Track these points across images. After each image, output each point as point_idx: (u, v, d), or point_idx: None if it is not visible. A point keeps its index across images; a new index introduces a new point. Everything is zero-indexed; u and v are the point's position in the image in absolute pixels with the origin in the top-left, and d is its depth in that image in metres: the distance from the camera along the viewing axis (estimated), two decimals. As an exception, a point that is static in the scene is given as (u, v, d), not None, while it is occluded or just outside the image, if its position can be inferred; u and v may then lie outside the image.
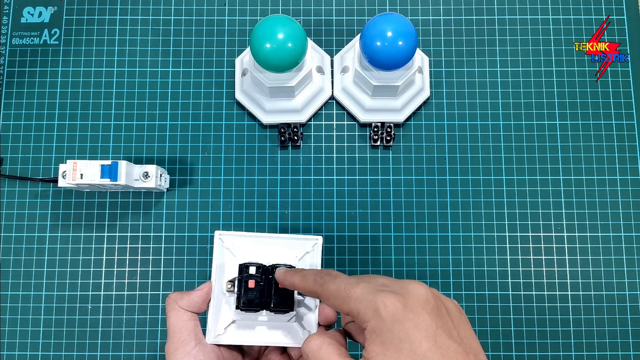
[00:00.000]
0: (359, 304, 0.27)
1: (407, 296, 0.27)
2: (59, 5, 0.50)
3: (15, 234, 0.47)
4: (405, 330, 0.25)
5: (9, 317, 0.45)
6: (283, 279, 0.33)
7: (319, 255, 0.37)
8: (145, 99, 0.49)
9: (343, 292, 0.28)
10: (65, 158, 0.48)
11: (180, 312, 0.34)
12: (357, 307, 0.27)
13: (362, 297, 0.27)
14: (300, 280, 0.31)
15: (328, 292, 0.29)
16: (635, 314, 0.46)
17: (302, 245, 0.37)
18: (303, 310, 0.36)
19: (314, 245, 0.37)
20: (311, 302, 0.36)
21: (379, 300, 0.26)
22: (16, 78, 0.49)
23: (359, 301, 0.27)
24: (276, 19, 0.40)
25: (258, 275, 0.35)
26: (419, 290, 0.27)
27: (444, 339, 0.26)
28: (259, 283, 0.35)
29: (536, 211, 0.47)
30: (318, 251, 0.37)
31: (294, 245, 0.37)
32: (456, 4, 0.51)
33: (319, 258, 0.37)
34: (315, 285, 0.30)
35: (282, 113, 0.47)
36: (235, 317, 0.36)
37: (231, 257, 0.37)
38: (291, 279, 0.32)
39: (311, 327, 0.36)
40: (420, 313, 0.26)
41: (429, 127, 0.48)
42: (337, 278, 0.29)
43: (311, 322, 0.36)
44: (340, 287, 0.28)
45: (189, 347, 0.34)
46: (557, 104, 0.49)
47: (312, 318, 0.36)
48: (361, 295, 0.27)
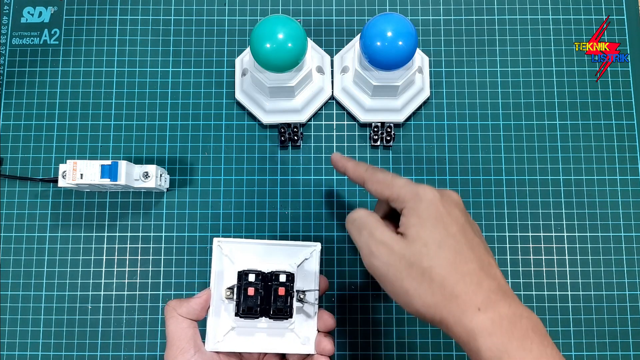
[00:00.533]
0: (401, 189, 0.32)
1: (443, 193, 0.32)
2: (59, 5, 0.50)
3: (15, 234, 0.47)
4: (439, 213, 0.31)
5: (9, 317, 0.45)
6: (338, 160, 0.38)
7: (317, 262, 0.37)
8: (145, 99, 0.49)
9: (390, 179, 0.33)
10: (65, 158, 0.48)
11: (179, 320, 0.34)
12: (399, 191, 0.32)
13: (405, 184, 0.32)
14: (354, 166, 0.36)
15: (376, 178, 0.34)
16: (635, 314, 0.46)
17: (300, 252, 0.37)
18: (302, 317, 0.36)
19: (312, 252, 0.37)
20: (310, 309, 0.36)
21: (419, 188, 0.32)
22: (16, 78, 0.49)
23: (401, 186, 0.32)
24: (276, 19, 0.40)
25: (257, 282, 0.35)
26: (452, 193, 0.33)
27: (470, 232, 0.31)
28: (258, 290, 0.34)
29: (536, 211, 0.47)
30: (316, 258, 0.37)
31: (293, 252, 0.37)
32: (456, 4, 0.51)
33: (317, 265, 0.37)
34: (367, 171, 0.35)
35: (282, 113, 0.47)
36: (235, 324, 0.36)
37: (230, 264, 0.36)
38: (346, 163, 0.37)
39: (310, 334, 0.36)
40: (453, 207, 0.32)
41: (429, 127, 0.48)
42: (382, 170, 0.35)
43: (310, 329, 0.36)
44: (387, 175, 0.34)
45: (188, 355, 0.33)
46: (557, 104, 0.49)
47: (312, 324, 0.36)
48: (404, 183, 0.32)
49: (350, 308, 0.46)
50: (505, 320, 0.28)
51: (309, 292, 0.36)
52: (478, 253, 0.31)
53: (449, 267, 0.29)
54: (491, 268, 0.30)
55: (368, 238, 0.32)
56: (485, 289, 0.29)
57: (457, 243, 0.30)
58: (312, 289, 0.36)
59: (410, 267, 0.30)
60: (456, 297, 0.29)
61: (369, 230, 0.32)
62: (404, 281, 0.30)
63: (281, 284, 0.35)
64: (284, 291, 0.35)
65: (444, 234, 0.30)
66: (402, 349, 0.45)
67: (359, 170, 0.36)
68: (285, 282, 0.35)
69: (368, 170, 0.35)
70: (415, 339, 0.45)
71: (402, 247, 0.31)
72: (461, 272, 0.29)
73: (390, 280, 0.31)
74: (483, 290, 0.29)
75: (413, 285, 0.30)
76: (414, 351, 0.45)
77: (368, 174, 0.35)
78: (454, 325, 0.29)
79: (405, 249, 0.30)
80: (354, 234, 0.33)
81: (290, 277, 0.35)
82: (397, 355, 0.45)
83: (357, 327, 0.45)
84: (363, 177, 0.35)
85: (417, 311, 0.30)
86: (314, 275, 0.37)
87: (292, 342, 0.36)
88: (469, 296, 0.29)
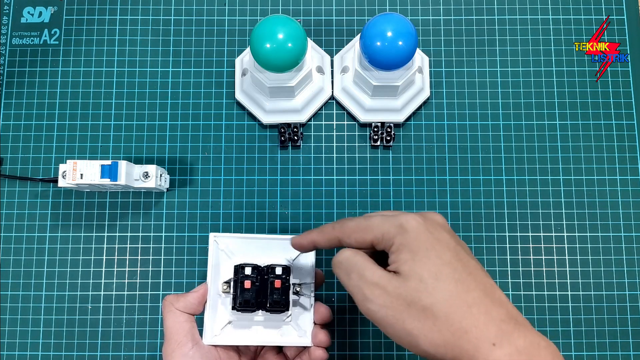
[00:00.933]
0: (382, 227, 0.30)
1: (426, 217, 0.30)
2: (59, 5, 0.50)
3: (15, 234, 0.47)
4: (429, 241, 0.29)
5: (9, 317, 0.45)
6: (300, 242, 0.34)
7: (313, 255, 0.37)
8: (145, 99, 0.49)
9: (363, 223, 0.30)
10: (65, 158, 0.48)
11: (176, 314, 0.35)
12: (381, 229, 0.30)
13: (383, 221, 0.30)
14: (319, 234, 0.33)
15: (349, 229, 0.31)
16: (635, 314, 0.46)
17: None
18: (299, 309, 0.37)
19: None
20: (306, 301, 0.37)
21: (401, 218, 0.29)
22: (16, 78, 0.49)
23: (380, 225, 0.30)
24: (276, 19, 0.40)
25: (254, 275, 0.35)
26: (435, 215, 0.31)
27: (464, 255, 0.29)
28: (254, 283, 0.35)
29: (536, 211, 0.47)
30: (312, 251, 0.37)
31: (288, 247, 0.37)
32: (456, 4, 0.51)
33: (313, 258, 0.37)
34: (334, 230, 0.32)
35: (282, 113, 0.47)
36: (232, 317, 0.36)
37: (226, 258, 0.37)
38: (309, 237, 0.33)
39: (307, 327, 0.36)
40: (440, 231, 0.30)
41: (429, 127, 0.48)
42: (352, 218, 0.32)
43: (307, 322, 0.36)
44: (359, 221, 0.31)
45: (186, 349, 0.34)
46: (557, 104, 0.49)
47: (308, 317, 0.36)
48: (381, 221, 0.30)
49: (350, 308, 0.46)
50: (524, 355, 0.26)
51: (305, 285, 0.36)
52: (478, 278, 0.29)
53: (452, 300, 0.27)
54: (495, 291, 0.29)
55: (358, 281, 0.29)
56: (496, 319, 0.27)
57: (454, 271, 0.28)
58: (308, 282, 0.37)
59: (409, 307, 0.28)
60: (466, 332, 0.27)
61: (358, 271, 0.30)
62: (405, 322, 0.28)
63: (277, 277, 0.35)
64: (280, 283, 0.35)
65: (439, 264, 0.28)
66: (402, 348, 0.45)
67: (327, 232, 0.32)
68: (281, 275, 0.35)
69: (335, 227, 0.32)
70: (415, 339, 0.45)
71: (397, 285, 0.28)
72: (466, 303, 0.27)
73: (391, 324, 0.28)
74: (494, 321, 0.27)
75: (416, 326, 0.27)
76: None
77: (337, 230, 0.32)
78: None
79: (400, 288, 0.28)
80: (342, 278, 0.31)
81: (286, 269, 0.36)
82: (397, 355, 0.45)
83: (357, 327, 0.45)
84: (336, 236, 0.32)
85: (426, 352, 0.28)
86: (309, 268, 0.37)
87: (289, 335, 0.36)
88: (480, 330, 0.27)
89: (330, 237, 0.32)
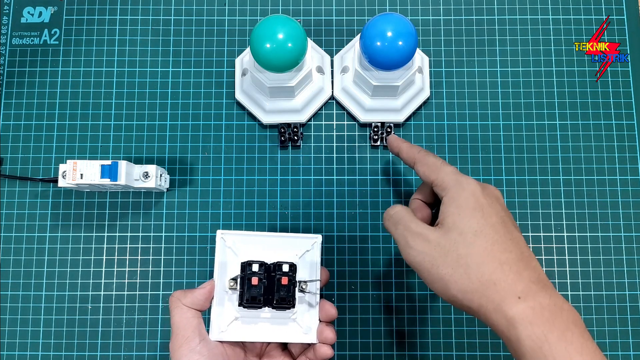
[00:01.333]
0: (447, 175, 0.33)
1: (485, 187, 0.33)
2: (59, 5, 0.50)
3: (15, 234, 0.47)
4: (479, 203, 0.31)
5: (9, 317, 0.45)
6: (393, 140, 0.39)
7: (319, 253, 0.38)
8: (145, 99, 0.49)
9: (439, 164, 0.34)
10: (65, 158, 0.48)
11: (184, 310, 0.35)
12: (445, 177, 0.33)
13: (452, 172, 0.33)
14: (408, 147, 0.37)
15: (427, 160, 0.35)
16: (635, 314, 0.46)
17: (302, 244, 0.38)
18: (304, 307, 0.37)
19: (313, 243, 0.38)
20: (312, 298, 0.37)
21: (463, 178, 0.33)
22: (16, 78, 0.49)
23: (447, 173, 0.33)
24: (276, 19, 0.40)
25: (261, 273, 0.35)
26: (495, 189, 0.33)
27: (510, 225, 0.32)
28: (261, 280, 0.35)
29: (536, 211, 0.47)
30: (317, 249, 0.38)
31: (294, 244, 0.37)
32: (456, 4, 0.51)
33: (318, 256, 0.38)
34: (419, 153, 0.36)
35: (282, 113, 0.47)
36: (238, 314, 0.36)
37: (233, 255, 0.37)
38: (400, 144, 0.38)
39: (312, 324, 0.37)
40: (494, 201, 0.32)
41: (429, 127, 0.48)
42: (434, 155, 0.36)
43: (312, 319, 0.37)
44: (437, 160, 0.35)
45: (193, 344, 0.34)
46: (557, 104, 0.49)
47: (314, 314, 0.37)
48: (451, 171, 0.34)
49: (350, 308, 0.46)
50: (547, 310, 0.28)
51: (310, 283, 0.37)
52: (518, 244, 0.31)
53: (486, 255, 0.30)
54: (531, 260, 0.30)
55: (404, 231, 0.33)
56: (525, 278, 0.29)
57: (495, 233, 0.30)
58: (314, 279, 0.37)
59: (445, 255, 0.30)
60: (494, 284, 0.29)
61: (405, 223, 0.33)
62: (439, 268, 0.30)
63: (284, 274, 0.35)
64: (287, 281, 0.35)
65: (482, 224, 0.31)
66: (402, 349, 0.45)
67: (413, 151, 0.37)
68: (288, 272, 0.36)
69: (421, 152, 0.36)
70: (415, 339, 0.45)
71: (438, 236, 0.31)
72: (499, 260, 0.29)
73: (426, 268, 0.31)
74: (523, 280, 0.29)
75: (448, 272, 0.30)
76: (414, 351, 0.45)
77: (420, 156, 0.36)
78: (492, 312, 0.29)
79: (440, 238, 0.31)
80: (390, 228, 0.35)
81: (293, 267, 0.36)
82: (397, 355, 0.45)
83: (357, 327, 0.45)
84: (414, 159, 0.36)
85: (454, 297, 0.30)
86: (315, 266, 0.37)
87: (294, 332, 0.37)
88: (508, 284, 0.29)
89: (412, 156, 0.37)
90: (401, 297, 0.46)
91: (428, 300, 0.46)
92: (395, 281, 0.46)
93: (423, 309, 0.46)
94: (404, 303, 0.46)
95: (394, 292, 0.46)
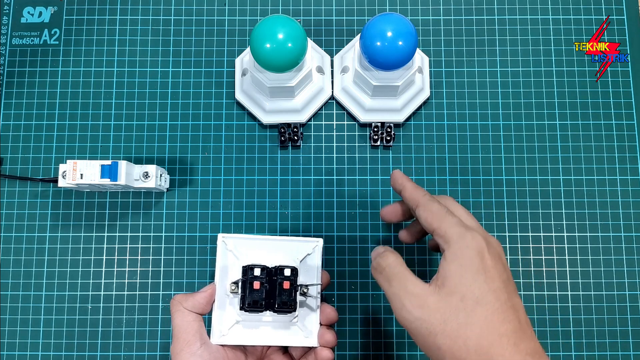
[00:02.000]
0: (451, 228, 0.31)
1: (489, 242, 0.31)
2: (59, 5, 0.50)
3: (15, 234, 0.47)
4: (484, 266, 0.29)
5: (9, 317, 0.45)
6: (398, 177, 0.36)
7: (320, 256, 0.38)
8: (145, 99, 0.49)
9: (443, 213, 0.32)
10: (65, 158, 0.48)
11: (185, 313, 0.35)
12: (448, 229, 0.31)
13: (457, 224, 0.31)
14: (412, 187, 0.35)
15: (431, 207, 0.33)
16: (635, 314, 0.46)
17: (303, 248, 0.37)
18: (305, 310, 0.37)
19: (314, 247, 0.38)
20: (313, 302, 0.37)
21: (469, 234, 0.30)
22: (16, 78, 0.49)
23: (452, 225, 0.31)
24: (276, 19, 0.40)
25: (263, 277, 0.35)
26: (498, 243, 0.32)
27: (511, 289, 0.30)
28: (263, 284, 0.35)
29: (536, 211, 0.47)
30: (319, 253, 0.38)
31: (296, 247, 0.37)
32: (456, 4, 0.51)
33: (319, 259, 0.37)
34: (424, 197, 0.34)
35: (282, 113, 0.47)
36: (239, 317, 0.36)
37: (234, 259, 0.37)
38: (405, 182, 0.35)
39: (313, 327, 0.36)
40: (498, 261, 0.30)
41: (429, 127, 0.48)
42: (440, 203, 0.33)
43: (313, 322, 0.37)
44: (442, 208, 0.32)
45: (194, 348, 0.34)
46: (557, 104, 0.49)
47: (314, 318, 0.37)
48: (456, 222, 0.31)
49: (350, 308, 0.46)
50: None
51: (311, 287, 0.37)
52: (517, 312, 0.29)
53: (486, 326, 0.28)
54: (527, 328, 0.29)
55: (399, 290, 0.31)
56: (522, 351, 0.28)
57: (496, 300, 0.29)
58: (315, 283, 0.37)
59: (445, 323, 0.29)
60: (491, 358, 0.28)
61: (400, 280, 0.31)
62: (437, 337, 0.29)
63: (286, 278, 0.35)
64: (288, 285, 0.35)
65: (485, 289, 0.29)
66: (402, 349, 0.45)
67: (417, 194, 0.34)
68: (289, 277, 0.35)
69: (425, 196, 0.34)
70: (415, 339, 0.45)
71: (437, 300, 0.29)
72: (498, 332, 0.28)
73: (423, 335, 0.29)
74: (520, 352, 0.28)
75: (447, 342, 0.28)
76: (414, 351, 0.45)
77: (424, 200, 0.33)
78: None
79: (440, 302, 0.29)
80: (383, 284, 0.32)
81: (295, 271, 0.36)
82: (397, 356, 0.45)
83: (357, 327, 0.45)
84: (418, 202, 0.34)
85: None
86: (316, 269, 0.37)
87: (295, 335, 0.37)
88: (505, 358, 0.28)
89: (415, 197, 0.34)
90: (401, 297, 0.46)
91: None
92: (395, 281, 0.46)
93: (423, 309, 0.46)
94: (404, 303, 0.46)
95: (394, 292, 0.46)
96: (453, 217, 0.32)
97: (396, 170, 0.37)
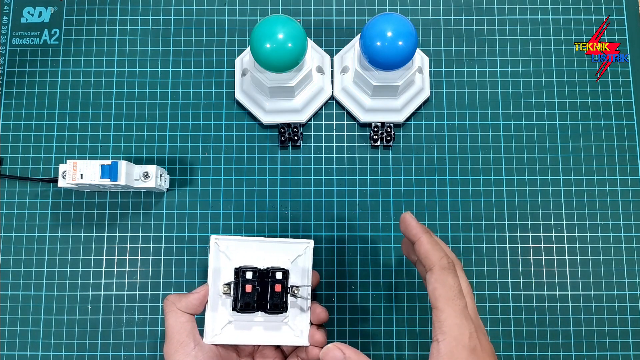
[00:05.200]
0: (453, 318, 0.29)
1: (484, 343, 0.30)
2: (59, 5, 0.50)
3: (15, 234, 0.47)
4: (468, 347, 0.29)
5: (9, 317, 0.45)
6: (412, 227, 0.32)
7: (310, 257, 0.38)
8: (145, 99, 0.49)
9: (453, 295, 0.30)
10: (65, 158, 0.48)
11: (178, 314, 0.35)
12: (450, 319, 0.29)
13: (459, 314, 0.29)
14: (431, 246, 0.31)
15: (444, 280, 0.30)
16: (635, 314, 0.46)
17: (294, 249, 0.38)
18: (296, 310, 0.38)
19: (305, 248, 0.38)
20: (303, 302, 0.38)
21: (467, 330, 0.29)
22: (16, 78, 0.49)
23: (455, 314, 0.29)
24: (276, 19, 0.40)
25: (254, 280, 0.36)
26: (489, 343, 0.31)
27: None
28: (255, 287, 0.36)
29: (536, 211, 0.47)
30: (309, 254, 0.38)
31: (287, 249, 0.38)
32: (456, 4, 0.51)
33: (310, 261, 0.38)
34: (440, 262, 0.31)
35: (282, 113, 0.47)
36: (232, 318, 0.37)
37: (226, 260, 0.37)
38: (422, 235, 0.32)
39: (304, 327, 0.37)
40: (482, 338, 0.30)
41: (429, 127, 0.48)
42: (454, 275, 0.30)
43: (304, 322, 0.37)
44: (453, 288, 0.30)
45: (188, 348, 0.34)
46: (557, 104, 0.49)
47: (305, 318, 0.37)
48: (460, 311, 0.29)
49: (350, 308, 0.46)
50: None
51: (302, 288, 0.37)
52: None
53: None
54: None
55: None
56: None
57: None
58: (305, 284, 0.37)
59: None
60: None
61: None
62: None
63: (278, 281, 0.36)
64: (280, 287, 0.36)
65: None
66: (402, 349, 0.45)
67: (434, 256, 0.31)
68: (281, 279, 0.36)
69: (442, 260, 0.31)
70: (415, 339, 0.45)
71: None
72: None
73: None
74: None
75: None
76: (414, 351, 0.45)
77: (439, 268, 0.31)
78: None
79: None
80: None
81: (286, 274, 0.37)
82: (397, 356, 0.45)
83: (357, 327, 0.45)
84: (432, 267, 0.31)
85: None
86: (306, 271, 0.38)
87: (287, 335, 0.37)
88: None
89: (430, 261, 0.31)
90: (401, 297, 0.46)
91: (428, 300, 0.46)
92: (395, 281, 0.46)
93: (423, 308, 0.46)
94: (404, 303, 0.46)
95: (394, 292, 0.46)
96: (460, 302, 0.30)
97: (407, 214, 0.33)
